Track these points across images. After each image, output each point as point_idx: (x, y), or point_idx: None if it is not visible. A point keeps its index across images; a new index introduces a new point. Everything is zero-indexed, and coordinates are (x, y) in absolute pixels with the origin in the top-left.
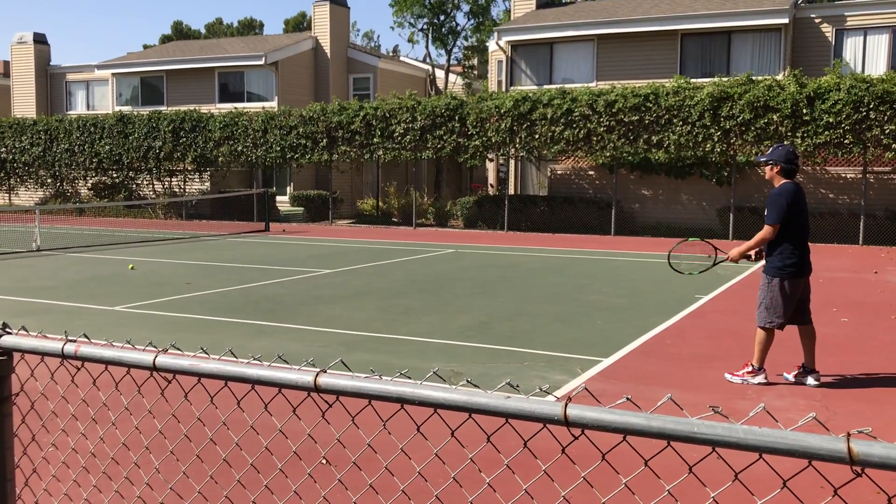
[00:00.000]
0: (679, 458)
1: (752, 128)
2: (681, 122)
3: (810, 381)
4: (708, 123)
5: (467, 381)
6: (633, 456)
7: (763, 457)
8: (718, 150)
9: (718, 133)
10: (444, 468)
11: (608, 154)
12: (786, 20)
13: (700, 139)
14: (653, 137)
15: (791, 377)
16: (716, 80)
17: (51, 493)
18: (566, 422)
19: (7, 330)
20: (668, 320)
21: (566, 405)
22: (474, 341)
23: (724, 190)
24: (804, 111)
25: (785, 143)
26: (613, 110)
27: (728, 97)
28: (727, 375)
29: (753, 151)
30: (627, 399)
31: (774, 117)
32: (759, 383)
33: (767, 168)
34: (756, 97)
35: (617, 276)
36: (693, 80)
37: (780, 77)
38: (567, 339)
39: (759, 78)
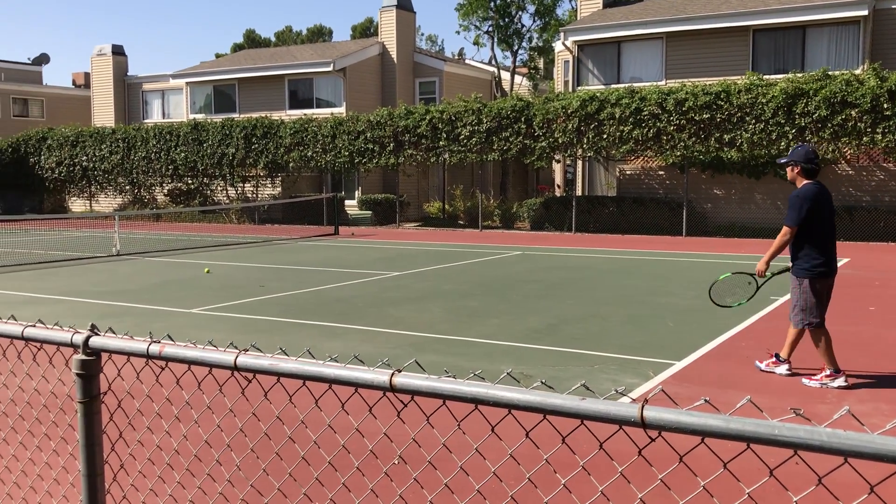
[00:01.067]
0: (759, 462)
1: (829, 124)
2: (753, 120)
3: (782, 369)
4: (782, 121)
5: (541, 382)
6: (711, 459)
7: (848, 461)
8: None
9: (793, 131)
10: (519, 469)
11: (678, 153)
12: (865, 12)
13: (774, 137)
14: (725, 136)
15: (763, 365)
16: (790, 76)
17: (137, 488)
18: (643, 423)
19: (95, 331)
20: (743, 322)
21: (643, 407)
22: (543, 344)
23: None
24: (885, 106)
25: (805, 143)
26: (683, 109)
27: (803, 93)
28: (804, 380)
29: (830, 149)
30: (706, 401)
31: (853, 113)
32: (839, 387)
33: (788, 169)
34: (833, 93)
35: (689, 277)
36: (766, 77)
37: (858, 71)
38: (638, 342)
39: (836, 73)
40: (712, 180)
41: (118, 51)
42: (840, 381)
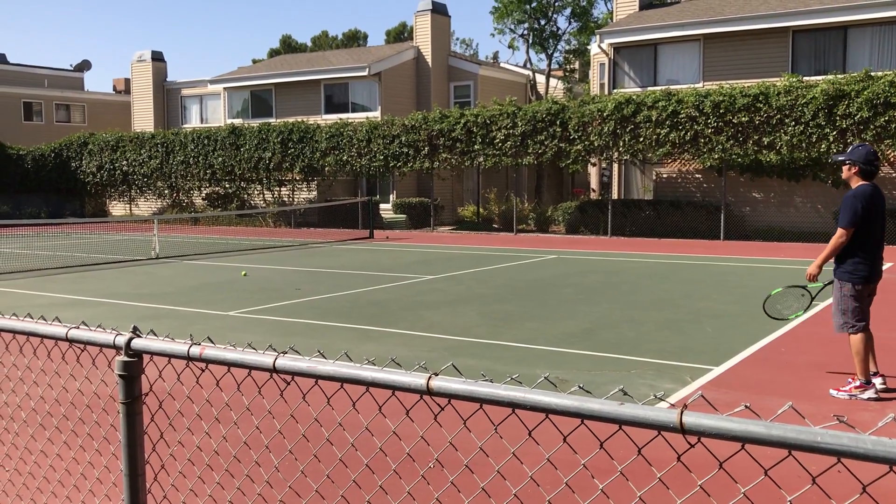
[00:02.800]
0: (800, 469)
1: (872, 126)
2: (793, 122)
3: (879, 382)
4: (822, 123)
5: (579, 386)
6: (751, 465)
7: (894, 469)
8: (834, 150)
9: (834, 133)
10: (557, 474)
11: (716, 156)
12: None
13: (814, 139)
14: (763, 138)
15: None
16: (831, 77)
17: (178, 488)
18: (682, 429)
19: (137, 333)
20: (783, 328)
21: (682, 412)
22: (578, 348)
23: (841, 192)
24: None
25: (866, 143)
26: (721, 111)
27: (844, 95)
28: (832, 391)
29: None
30: (746, 407)
31: None
32: (869, 398)
33: (845, 168)
34: (875, 94)
35: (727, 281)
36: (806, 79)
37: None
38: (675, 347)
39: (879, 74)
40: (751, 183)
41: (157, 57)
42: (870, 393)
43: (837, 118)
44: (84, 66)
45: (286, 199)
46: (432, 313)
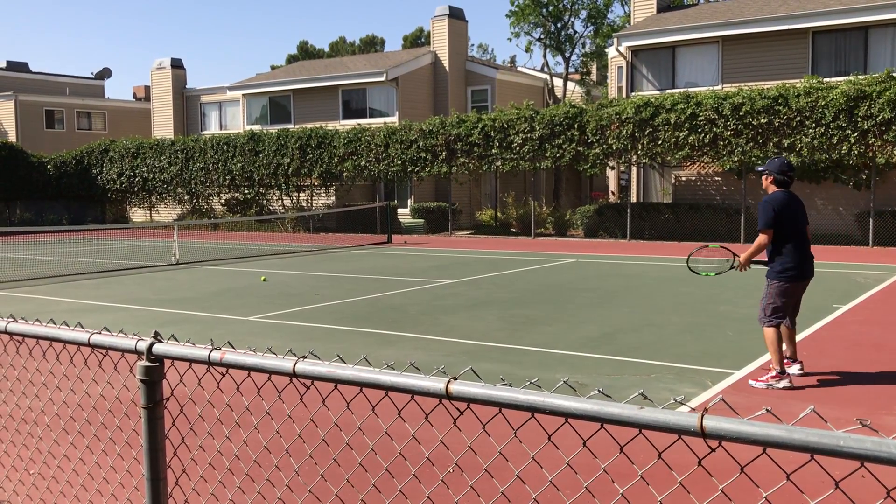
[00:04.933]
0: (823, 474)
1: (893, 127)
2: (813, 124)
3: (794, 369)
4: (843, 124)
5: (599, 391)
6: (773, 470)
7: None
8: (856, 151)
9: (855, 134)
10: (577, 478)
11: (736, 159)
12: None
13: (835, 141)
14: (783, 141)
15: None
16: (851, 78)
17: (199, 492)
18: (703, 433)
19: (158, 338)
20: (805, 331)
21: (702, 416)
22: (598, 352)
23: (862, 194)
24: None
25: (782, 155)
26: (741, 113)
27: (865, 96)
28: (751, 382)
29: (895, 152)
30: (767, 411)
31: None
32: (784, 387)
33: (763, 178)
34: None
35: (748, 285)
36: (826, 80)
37: None
38: (696, 351)
39: None
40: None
41: (177, 64)
42: (785, 383)
43: (859, 119)
44: (105, 73)
45: (304, 205)
46: (451, 318)
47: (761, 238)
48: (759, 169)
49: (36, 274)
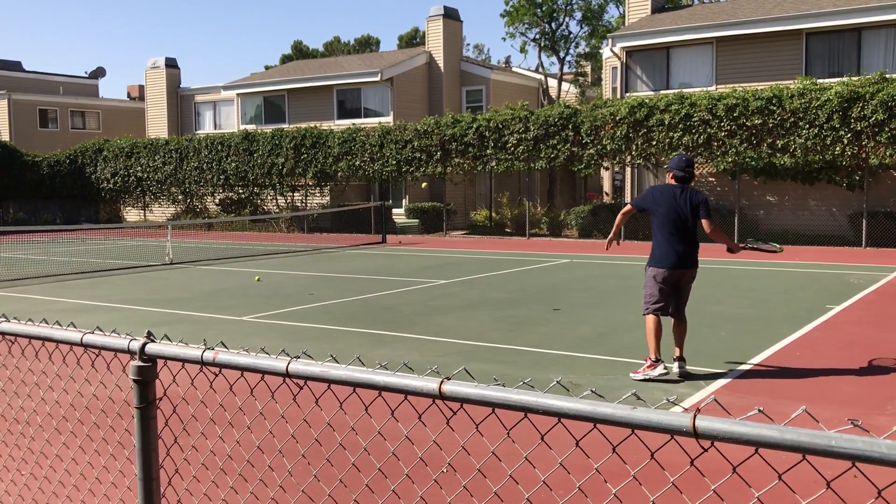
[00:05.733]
0: (815, 474)
1: (886, 129)
2: (807, 125)
3: (675, 368)
4: (837, 125)
5: (592, 391)
6: (765, 470)
7: None
8: (849, 153)
9: (848, 135)
10: (569, 478)
11: (730, 160)
12: None
13: (829, 142)
14: (777, 141)
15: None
16: (845, 79)
17: (192, 492)
18: (695, 433)
19: (151, 338)
20: (798, 331)
21: (695, 416)
22: (592, 353)
23: (855, 195)
24: None
25: (681, 151)
26: (734, 114)
27: (859, 97)
28: (632, 375)
29: (888, 153)
30: (759, 411)
31: None
32: (659, 375)
33: (668, 175)
34: (891, 96)
35: (741, 285)
36: (820, 81)
37: None
38: (690, 351)
39: (894, 76)
40: (764, 187)
41: (171, 63)
42: (660, 370)
43: (852, 120)
44: (99, 73)
45: (299, 205)
46: (445, 318)
47: (623, 211)
48: (666, 167)
49: (29, 274)
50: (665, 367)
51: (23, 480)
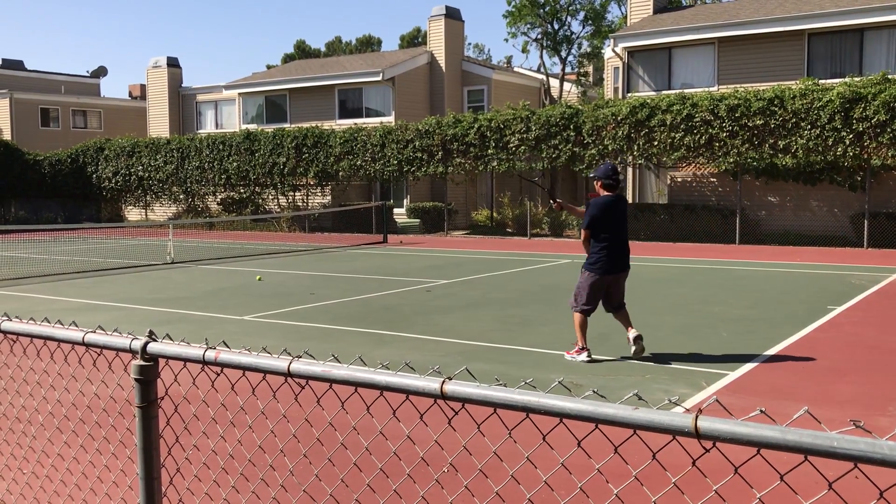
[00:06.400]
0: (817, 475)
1: (888, 129)
2: (809, 126)
3: (632, 346)
4: (839, 126)
5: (593, 391)
6: (767, 471)
7: None
8: (851, 153)
9: (850, 136)
10: (571, 478)
11: (731, 160)
12: None
13: (830, 143)
14: (779, 142)
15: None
16: (847, 80)
17: (193, 492)
18: (697, 434)
19: (153, 338)
20: (799, 332)
21: (697, 417)
22: (594, 353)
23: (857, 196)
24: None
25: (609, 162)
26: (736, 115)
27: (861, 98)
28: (566, 355)
29: (890, 154)
30: (761, 411)
31: None
32: (584, 360)
33: (595, 183)
34: (893, 96)
35: (742, 286)
36: (822, 82)
37: None
38: (690, 352)
39: None
40: (766, 187)
41: (173, 63)
42: (584, 356)
43: (854, 121)
44: (100, 72)
45: (300, 204)
46: (446, 318)
47: (583, 234)
48: (591, 176)
49: (31, 272)
50: (588, 356)
51: (24, 480)
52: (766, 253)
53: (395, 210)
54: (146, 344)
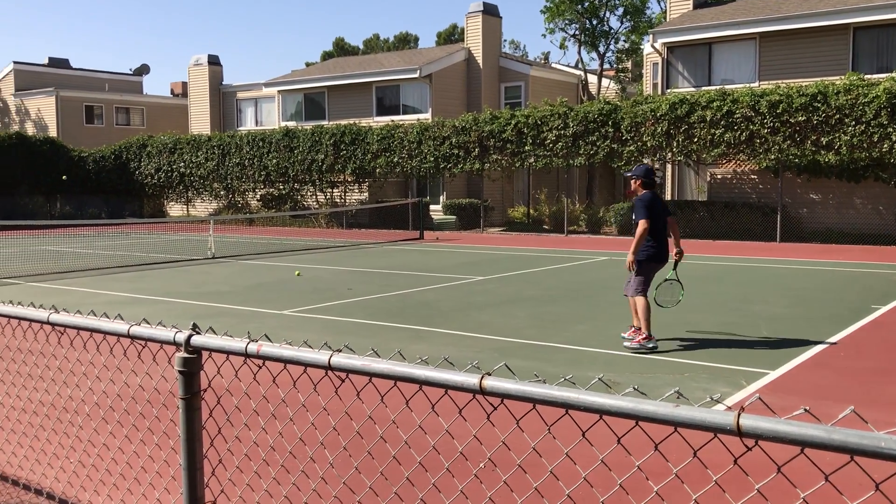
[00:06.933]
0: (863, 476)
1: None
2: (853, 122)
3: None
4: (885, 122)
5: (634, 388)
6: (810, 471)
7: None
8: None
9: None
10: (611, 475)
11: (772, 157)
12: None
13: (876, 139)
14: (822, 139)
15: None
16: (893, 75)
17: (234, 482)
18: (739, 432)
19: (197, 330)
20: (842, 331)
21: (739, 415)
22: (630, 351)
23: None
24: None
25: (646, 163)
26: (778, 111)
27: None
28: (626, 343)
29: None
30: (805, 410)
31: None
32: (650, 347)
33: (632, 181)
34: None
35: (783, 284)
36: (867, 77)
37: None
38: (730, 350)
39: None
40: (808, 184)
41: (214, 61)
42: (651, 344)
43: None
44: (143, 70)
45: (338, 201)
46: (482, 314)
47: (641, 228)
48: (628, 175)
49: (76, 266)
50: (655, 344)
51: (71, 468)
52: (808, 251)
53: (432, 207)
54: (190, 337)
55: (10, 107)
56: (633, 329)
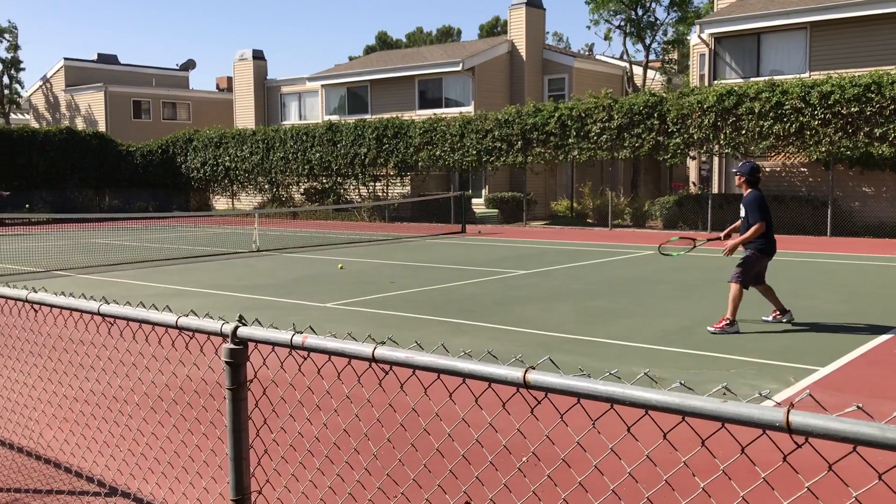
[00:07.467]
0: None
1: None
2: None
3: (786, 318)
4: None
5: (680, 383)
6: (863, 470)
7: None
8: None
9: None
10: (656, 471)
11: (823, 149)
12: None
13: None
14: (875, 130)
15: (770, 318)
16: None
17: (279, 472)
18: (788, 429)
19: (243, 322)
20: (892, 331)
21: (789, 411)
22: (676, 346)
23: None
24: None
25: (750, 160)
26: (829, 102)
27: None
28: (709, 329)
29: None
30: (858, 408)
31: None
32: (734, 332)
33: (737, 178)
34: None
35: (834, 279)
36: None
37: None
38: (778, 346)
39: None
40: (860, 177)
41: (258, 55)
42: (734, 329)
43: None
44: (189, 65)
45: (380, 194)
46: (524, 308)
47: (761, 227)
48: (734, 171)
49: (124, 259)
50: (737, 329)
51: (121, 457)
52: (860, 245)
53: (474, 200)
54: (236, 328)
55: (61, 102)
56: (725, 322)
